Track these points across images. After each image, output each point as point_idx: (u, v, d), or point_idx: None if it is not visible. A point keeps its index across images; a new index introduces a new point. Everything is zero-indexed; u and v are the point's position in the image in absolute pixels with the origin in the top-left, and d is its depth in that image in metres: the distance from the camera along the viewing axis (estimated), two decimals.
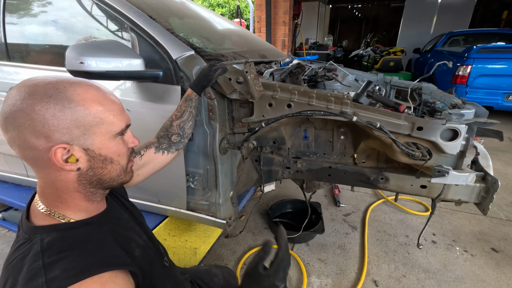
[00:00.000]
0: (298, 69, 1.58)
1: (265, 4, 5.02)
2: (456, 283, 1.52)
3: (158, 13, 1.26)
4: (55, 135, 0.50)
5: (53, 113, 0.49)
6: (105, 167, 0.57)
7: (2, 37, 1.45)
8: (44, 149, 0.50)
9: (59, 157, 0.51)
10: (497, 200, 2.25)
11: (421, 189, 1.12)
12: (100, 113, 0.54)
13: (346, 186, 1.69)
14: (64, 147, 0.51)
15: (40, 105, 0.48)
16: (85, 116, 0.52)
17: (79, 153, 0.53)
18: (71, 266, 0.48)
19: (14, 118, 0.48)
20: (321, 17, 10.14)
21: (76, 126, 0.51)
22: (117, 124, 0.56)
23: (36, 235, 0.52)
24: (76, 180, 0.55)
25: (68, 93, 0.51)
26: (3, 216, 1.96)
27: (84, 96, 0.52)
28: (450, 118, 0.91)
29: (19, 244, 0.52)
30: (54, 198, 0.56)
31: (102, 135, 0.55)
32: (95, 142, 0.54)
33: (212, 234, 1.70)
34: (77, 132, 0.51)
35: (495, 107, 4.15)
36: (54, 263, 0.47)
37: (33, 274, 0.46)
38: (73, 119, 0.51)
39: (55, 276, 0.46)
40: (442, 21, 8.55)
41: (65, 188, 0.55)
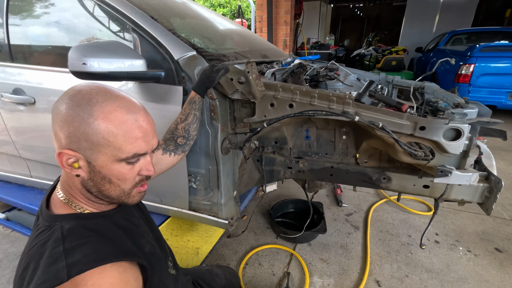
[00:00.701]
0: (299, 69, 1.58)
1: (267, 4, 5.02)
2: (459, 283, 1.51)
3: (160, 14, 1.26)
4: (67, 140, 0.54)
5: (72, 120, 0.53)
6: (103, 185, 0.58)
7: (5, 38, 1.45)
8: (57, 147, 0.55)
9: (62, 159, 0.55)
10: (500, 200, 2.23)
11: (423, 189, 1.11)
12: (110, 136, 0.54)
13: (348, 186, 1.69)
14: (70, 154, 0.54)
15: (71, 110, 0.53)
16: (95, 134, 0.53)
17: (83, 163, 0.56)
18: (91, 252, 0.51)
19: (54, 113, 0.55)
20: (322, 16, 10.11)
21: (85, 139, 0.53)
22: (124, 151, 0.56)
23: (56, 223, 0.55)
24: (79, 183, 0.59)
25: (93, 108, 0.53)
26: (6, 216, 1.97)
27: (106, 115, 0.54)
28: (453, 118, 0.90)
29: (40, 231, 0.55)
30: (75, 191, 0.60)
31: (106, 156, 0.55)
32: (98, 159, 0.55)
33: (214, 234, 1.70)
34: (85, 145, 0.54)
35: (498, 106, 4.12)
36: (74, 249, 0.50)
37: (55, 258, 0.49)
38: (85, 133, 0.53)
39: (76, 261, 0.49)
40: (445, 19, 8.50)
41: (74, 186, 0.59)
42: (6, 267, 1.68)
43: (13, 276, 1.59)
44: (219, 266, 1.33)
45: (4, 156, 1.80)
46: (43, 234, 0.54)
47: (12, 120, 1.55)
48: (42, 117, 1.43)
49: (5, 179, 1.96)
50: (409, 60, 7.43)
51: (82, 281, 0.47)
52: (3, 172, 1.91)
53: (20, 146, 1.64)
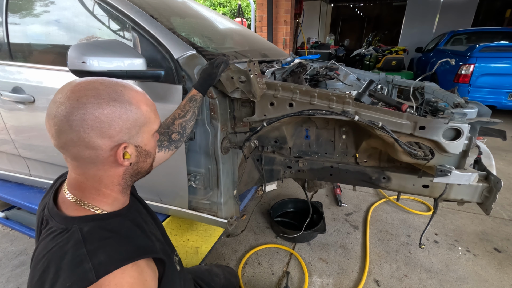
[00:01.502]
0: (299, 68, 1.58)
1: (267, 3, 5.02)
2: (458, 283, 1.51)
3: (160, 13, 1.26)
4: (119, 135, 0.55)
5: (119, 115, 0.54)
6: (145, 161, 0.63)
7: (5, 37, 1.45)
8: (107, 148, 0.54)
9: (120, 155, 0.56)
10: (500, 199, 2.24)
11: (423, 189, 1.11)
12: (148, 113, 0.60)
13: (347, 186, 1.69)
14: (125, 146, 0.56)
15: (108, 108, 0.53)
16: (139, 117, 0.58)
17: (132, 150, 0.59)
18: (114, 252, 0.52)
19: (82, 119, 0.51)
20: (322, 16, 10.11)
21: (134, 126, 0.57)
22: (157, 122, 0.64)
23: (73, 225, 0.55)
24: (121, 174, 0.60)
25: (126, 97, 0.56)
26: (6, 215, 1.97)
27: (138, 99, 0.59)
28: (453, 118, 0.90)
29: (56, 234, 0.54)
30: (93, 191, 0.59)
31: (147, 132, 0.61)
32: (144, 139, 0.61)
33: (213, 233, 1.70)
34: (133, 132, 0.57)
35: (498, 106, 4.12)
36: (97, 250, 0.51)
37: (79, 260, 0.49)
38: (133, 120, 0.57)
39: (101, 262, 0.49)
40: (445, 19, 8.50)
41: (109, 182, 0.60)
42: (6, 266, 1.67)
43: (12, 275, 1.60)
44: (218, 265, 1.33)
45: (3, 155, 1.80)
46: (61, 236, 0.53)
47: (11, 119, 1.55)
48: (41, 115, 1.43)
49: (4, 178, 1.95)
50: (409, 60, 7.43)
51: (106, 281, 0.48)
52: (2, 171, 1.91)
53: (20, 145, 1.64)
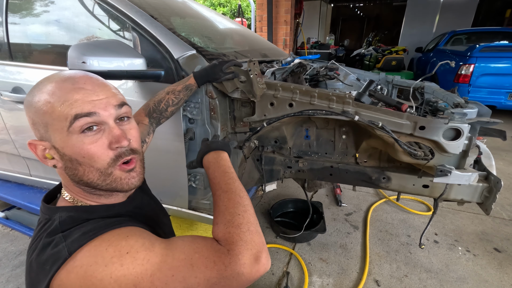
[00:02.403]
0: (299, 69, 1.58)
1: (267, 3, 5.02)
2: (458, 283, 1.51)
3: (160, 13, 1.26)
4: (34, 130, 0.51)
5: (28, 108, 0.50)
6: (76, 169, 0.52)
7: (5, 37, 1.45)
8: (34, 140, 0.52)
9: (38, 151, 0.52)
10: (500, 200, 2.24)
11: (423, 189, 1.12)
12: (47, 106, 0.48)
13: (347, 186, 1.69)
14: (38, 144, 0.51)
15: (29, 98, 0.51)
16: (39, 110, 0.48)
17: (52, 150, 0.51)
18: (89, 229, 0.48)
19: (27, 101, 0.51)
20: (322, 16, 10.11)
21: (38, 122, 0.50)
22: (65, 116, 0.48)
23: (56, 214, 0.52)
24: (65, 175, 0.54)
25: (35, 88, 0.51)
26: (6, 215, 1.97)
27: (42, 90, 0.49)
28: (453, 118, 0.90)
29: (42, 225, 0.53)
30: (64, 180, 0.57)
31: (58, 131, 0.49)
32: (56, 139, 0.50)
33: None
34: (41, 129, 0.50)
35: (498, 106, 4.12)
36: (72, 230, 0.48)
37: (55, 243, 0.47)
38: (35, 114, 0.49)
39: (74, 239, 0.46)
40: (445, 19, 8.50)
41: (65, 180, 0.56)
42: (6, 266, 1.67)
43: (12, 275, 1.60)
44: None
45: (3, 155, 1.80)
46: (45, 227, 0.52)
47: (11, 119, 1.55)
48: None
49: (4, 178, 1.95)
50: (409, 60, 7.43)
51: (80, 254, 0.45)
52: (2, 171, 1.91)
53: (20, 145, 1.64)
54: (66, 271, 0.44)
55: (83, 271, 0.43)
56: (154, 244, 0.47)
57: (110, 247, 0.45)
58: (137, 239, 0.47)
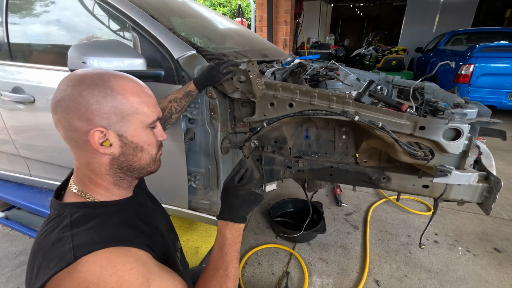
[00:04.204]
0: (299, 69, 1.58)
1: (267, 3, 5.01)
2: (458, 283, 1.51)
3: (160, 13, 1.26)
4: (95, 119, 0.55)
5: (97, 99, 0.55)
6: (135, 155, 0.62)
7: (5, 37, 1.45)
8: (84, 131, 0.55)
9: (96, 140, 0.56)
10: (500, 200, 2.24)
11: (423, 189, 1.12)
12: (136, 104, 0.59)
13: (347, 186, 1.69)
14: (101, 131, 0.56)
15: (87, 91, 0.54)
16: (123, 104, 0.57)
17: (114, 139, 0.58)
18: (96, 236, 0.53)
19: (64, 101, 0.54)
20: (322, 16, 10.11)
21: (114, 112, 0.56)
22: (150, 115, 0.61)
23: (66, 210, 0.57)
24: (108, 163, 0.60)
25: (111, 83, 0.57)
26: (6, 215, 1.97)
27: (125, 87, 0.58)
28: (453, 118, 0.90)
29: (50, 219, 0.57)
30: (87, 179, 0.61)
31: (136, 124, 0.59)
32: (129, 129, 0.59)
33: (213, 233, 1.70)
34: (114, 119, 0.57)
35: (498, 106, 4.12)
36: (81, 233, 0.52)
37: (63, 242, 0.51)
38: (113, 106, 0.56)
39: (81, 243, 0.50)
40: (445, 19, 8.49)
41: (97, 170, 0.60)
42: (6, 266, 1.67)
43: (12, 275, 1.60)
44: None
45: (3, 155, 1.80)
46: (53, 221, 0.56)
47: (11, 119, 1.55)
48: (41, 115, 1.43)
49: (4, 178, 1.96)
50: (409, 60, 7.43)
51: (82, 261, 0.48)
52: (2, 171, 1.91)
53: (20, 145, 1.64)
54: (69, 275, 0.47)
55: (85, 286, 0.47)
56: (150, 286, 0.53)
57: (113, 276, 0.49)
58: (137, 277, 0.51)
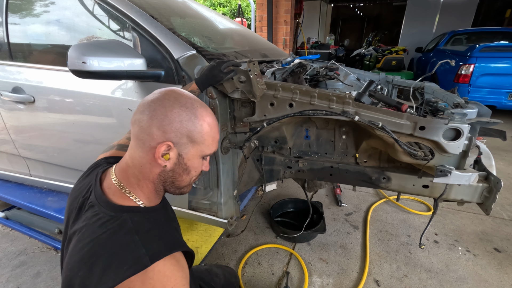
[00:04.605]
0: (299, 69, 1.58)
1: (267, 3, 5.01)
2: (458, 283, 1.51)
3: (160, 13, 1.26)
4: (171, 134, 0.61)
5: (181, 119, 0.62)
6: (181, 175, 0.67)
7: (5, 37, 1.45)
8: (156, 139, 0.61)
9: (160, 150, 0.61)
10: (500, 200, 2.24)
11: (423, 189, 1.11)
12: (206, 135, 0.66)
13: (347, 186, 1.69)
14: (169, 145, 0.62)
15: (177, 109, 0.62)
16: (197, 132, 0.64)
17: (173, 155, 0.63)
18: (162, 242, 0.60)
19: (155, 108, 0.61)
20: (322, 16, 10.10)
21: (187, 135, 0.63)
22: (210, 148, 0.68)
23: (123, 213, 0.61)
24: (157, 173, 0.65)
25: (197, 111, 0.64)
26: (6, 215, 1.97)
27: (205, 118, 0.66)
28: (453, 118, 0.90)
29: (105, 220, 0.59)
30: (134, 179, 0.66)
31: (196, 151, 0.66)
32: (189, 153, 0.65)
33: (213, 233, 1.71)
34: (184, 140, 0.63)
35: (498, 106, 4.12)
36: (147, 239, 0.58)
37: (134, 247, 0.56)
38: (189, 130, 0.63)
39: (153, 249, 0.57)
40: (445, 20, 8.50)
41: (146, 175, 0.65)
42: (6, 266, 1.67)
43: (12, 275, 1.60)
44: (218, 265, 1.33)
45: (3, 155, 1.80)
46: (110, 223, 0.58)
47: (11, 119, 1.55)
48: (41, 115, 1.43)
49: (4, 178, 1.96)
50: (409, 60, 7.43)
51: (157, 266, 0.55)
52: (2, 171, 1.91)
53: (20, 145, 1.64)
54: (140, 279, 0.53)
55: None
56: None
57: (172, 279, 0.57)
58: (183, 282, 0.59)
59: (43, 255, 1.75)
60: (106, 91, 1.21)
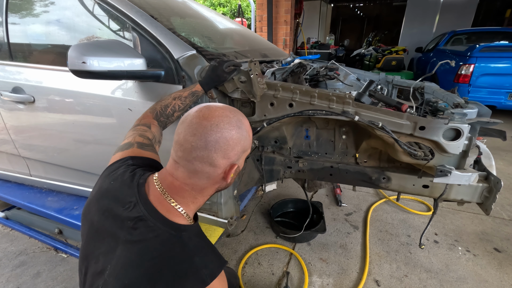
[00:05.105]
0: (299, 69, 1.58)
1: (267, 3, 5.01)
2: (458, 283, 1.51)
3: (160, 13, 1.26)
4: (234, 157, 0.64)
5: (239, 141, 0.63)
6: (234, 178, 0.69)
7: (5, 37, 1.45)
8: (223, 167, 0.63)
9: (230, 174, 0.64)
10: (500, 200, 2.24)
11: (423, 189, 1.11)
12: (250, 141, 0.69)
13: (347, 186, 1.69)
14: (236, 167, 0.64)
15: (236, 134, 0.62)
16: (248, 144, 0.67)
17: (235, 170, 0.65)
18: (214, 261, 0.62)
19: (216, 142, 0.60)
20: (322, 16, 10.11)
21: (243, 151, 0.66)
22: (249, 150, 0.71)
23: (182, 232, 0.61)
24: (216, 188, 0.68)
25: (245, 126, 0.66)
26: (6, 215, 1.97)
27: (249, 128, 0.68)
28: (453, 118, 0.90)
29: (165, 238, 0.59)
30: (191, 198, 0.65)
31: (245, 156, 0.69)
32: (242, 161, 0.69)
33: (213, 233, 1.71)
34: (241, 155, 0.66)
35: (498, 106, 4.12)
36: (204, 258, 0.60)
37: (195, 268, 0.58)
38: (243, 146, 0.65)
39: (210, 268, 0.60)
40: (445, 19, 8.50)
41: (206, 194, 0.67)
42: (6, 266, 1.67)
43: (12, 275, 1.60)
44: None
45: (3, 155, 1.80)
46: (170, 243, 0.58)
47: (11, 119, 1.55)
48: (41, 115, 1.43)
49: (4, 178, 1.96)
50: (409, 60, 7.43)
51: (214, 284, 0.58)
52: (2, 171, 1.91)
53: (20, 145, 1.64)
54: None
55: None
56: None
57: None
58: None
59: (43, 255, 1.75)
60: (106, 91, 1.21)
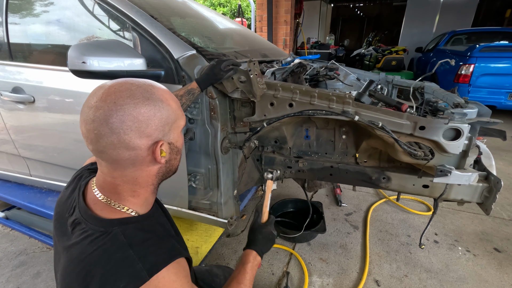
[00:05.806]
0: (299, 69, 1.58)
1: (267, 3, 5.02)
2: (458, 283, 1.51)
3: (160, 13, 1.26)
4: (155, 133, 0.56)
5: (154, 113, 0.55)
6: (176, 158, 0.64)
7: (5, 37, 1.45)
8: (145, 148, 0.55)
9: (158, 153, 0.57)
10: (500, 200, 2.24)
11: (423, 189, 1.11)
12: (176, 110, 0.60)
13: (347, 186, 1.69)
14: (162, 143, 0.57)
15: (144, 107, 0.53)
16: (170, 113, 0.58)
17: (166, 147, 0.59)
18: (158, 253, 0.56)
19: (121, 122, 0.51)
20: (322, 16, 10.11)
21: (166, 123, 0.57)
22: (184, 118, 0.64)
23: (113, 228, 0.56)
24: (155, 173, 0.61)
25: (157, 95, 0.56)
26: (6, 215, 1.97)
27: (165, 96, 0.59)
28: (453, 118, 0.90)
29: (94, 237, 0.55)
30: (128, 193, 0.60)
31: (177, 129, 0.62)
32: (175, 136, 0.61)
33: (213, 233, 1.70)
34: (166, 129, 0.58)
35: (498, 106, 4.12)
36: (143, 251, 0.54)
37: (129, 262, 0.52)
38: (163, 117, 0.56)
39: (150, 262, 0.53)
40: (445, 19, 8.50)
41: (144, 182, 0.60)
42: (6, 266, 1.67)
43: (12, 275, 1.60)
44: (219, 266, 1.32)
45: (3, 155, 1.80)
46: (101, 240, 0.54)
47: (11, 119, 1.55)
48: (41, 115, 1.43)
49: (4, 178, 1.96)
50: (409, 60, 7.43)
51: (156, 279, 0.52)
52: (2, 171, 1.91)
53: (20, 145, 1.64)
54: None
55: None
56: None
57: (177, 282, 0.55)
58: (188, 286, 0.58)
59: (43, 255, 1.75)
60: None
